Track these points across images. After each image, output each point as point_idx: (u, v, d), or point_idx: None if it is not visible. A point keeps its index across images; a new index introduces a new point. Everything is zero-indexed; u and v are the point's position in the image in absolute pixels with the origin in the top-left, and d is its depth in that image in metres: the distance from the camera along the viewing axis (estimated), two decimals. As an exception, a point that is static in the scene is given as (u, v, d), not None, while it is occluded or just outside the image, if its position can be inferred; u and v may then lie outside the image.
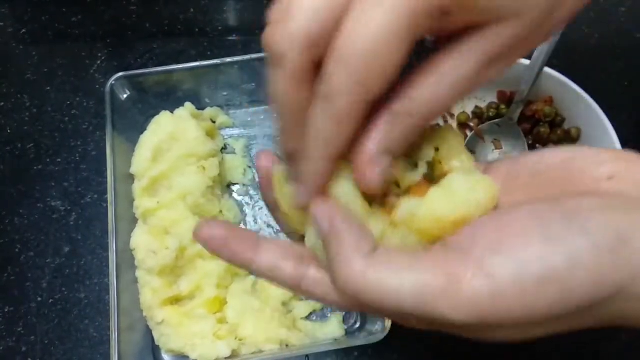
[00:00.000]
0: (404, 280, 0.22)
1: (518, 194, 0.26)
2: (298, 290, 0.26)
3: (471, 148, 0.58)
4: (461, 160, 0.28)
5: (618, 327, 0.22)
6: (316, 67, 0.23)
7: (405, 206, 0.26)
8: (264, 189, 0.30)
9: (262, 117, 0.65)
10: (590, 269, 0.20)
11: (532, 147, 0.57)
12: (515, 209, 0.24)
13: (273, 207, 0.30)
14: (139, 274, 0.53)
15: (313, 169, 0.25)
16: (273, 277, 0.26)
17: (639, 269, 0.20)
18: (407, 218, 0.25)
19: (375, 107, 0.24)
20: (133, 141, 0.58)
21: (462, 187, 0.26)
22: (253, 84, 0.64)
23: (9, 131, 0.65)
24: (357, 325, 0.54)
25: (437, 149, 0.28)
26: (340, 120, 0.23)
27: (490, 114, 0.58)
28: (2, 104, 0.67)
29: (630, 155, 0.25)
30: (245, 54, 0.61)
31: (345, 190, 0.26)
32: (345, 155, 0.25)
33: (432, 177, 0.28)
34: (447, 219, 0.25)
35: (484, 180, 0.26)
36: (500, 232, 0.22)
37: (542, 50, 0.53)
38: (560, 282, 0.20)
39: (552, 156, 0.26)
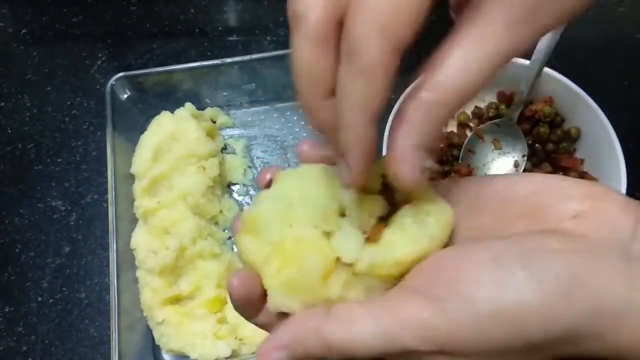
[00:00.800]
0: (369, 328, 0.23)
1: (484, 219, 0.26)
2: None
3: (471, 148, 0.58)
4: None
5: None
6: (340, 28, 0.22)
7: (365, 258, 0.26)
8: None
9: (262, 117, 0.65)
10: (539, 309, 0.21)
11: (531, 147, 0.57)
12: (474, 247, 0.24)
13: (250, 315, 0.29)
14: (139, 273, 0.53)
15: (353, 137, 0.23)
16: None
17: (594, 311, 0.21)
18: (368, 269, 0.26)
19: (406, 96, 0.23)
20: (133, 141, 0.58)
21: (413, 226, 0.26)
22: (253, 84, 0.64)
23: (9, 131, 0.65)
24: (357, 325, 0.54)
25: (383, 176, 0.28)
26: (371, 74, 0.21)
27: (490, 114, 0.58)
28: (3, 104, 0.67)
29: (599, 191, 0.24)
30: (246, 54, 0.61)
31: (312, 259, 0.26)
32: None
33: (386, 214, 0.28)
34: (405, 260, 0.26)
35: (435, 209, 0.26)
36: (457, 271, 0.23)
37: (542, 50, 0.53)
38: (509, 321, 0.21)
39: (523, 184, 0.26)
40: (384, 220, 0.28)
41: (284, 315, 0.27)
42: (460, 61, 0.23)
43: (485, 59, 0.23)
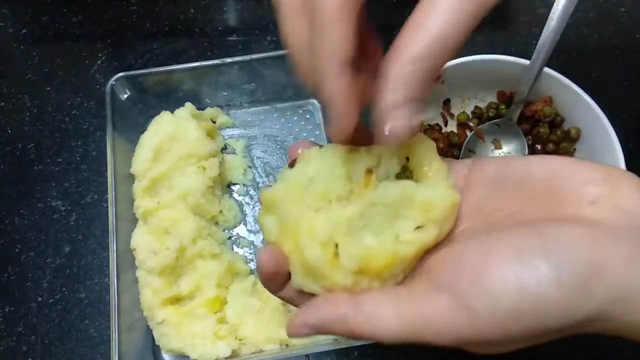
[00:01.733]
0: (390, 319, 0.24)
1: (503, 200, 0.27)
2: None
3: (471, 148, 0.58)
4: (431, 167, 0.29)
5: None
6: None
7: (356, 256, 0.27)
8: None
9: (262, 117, 0.65)
10: (559, 302, 0.22)
11: (531, 147, 0.57)
12: (496, 239, 0.24)
13: (275, 290, 0.30)
14: (139, 274, 0.53)
15: (329, 87, 0.25)
16: None
17: (612, 298, 0.22)
18: (360, 268, 0.27)
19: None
20: (133, 141, 0.58)
21: (416, 216, 0.28)
22: (253, 84, 0.64)
23: (9, 131, 0.65)
24: (357, 325, 0.54)
25: (407, 158, 0.29)
26: (329, 27, 0.24)
27: (490, 114, 0.58)
28: (3, 104, 0.67)
29: (615, 175, 0.25)
30: (245, 54, 0.61)
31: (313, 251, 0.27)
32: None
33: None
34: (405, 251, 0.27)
35: (441, 195, 0.28)
36: (480, 265, 0.24)
37: (542, 50, 0.53)
38: (530, 316, 0.22)
39: (540, 165, 0.27)
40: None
41: (306, 293, 0.28)
42: (440, 12, 0.24)
43: (464, 7, 0.24)
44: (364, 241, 0.27)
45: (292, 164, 0.30)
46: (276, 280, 0.29)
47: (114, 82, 0.58)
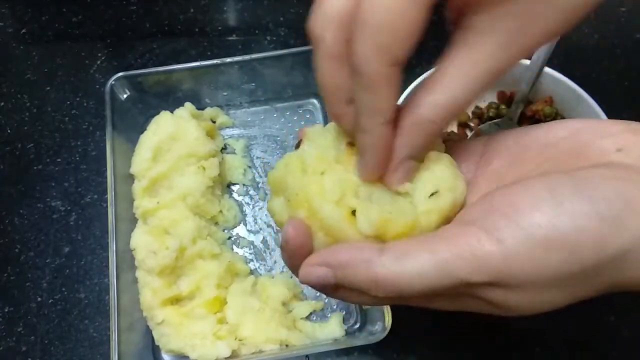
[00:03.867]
0: (424, 261, 0.23)
1: (528, 166, 0.28)
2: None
3: (471, 148, 0.58)
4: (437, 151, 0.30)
5: (620, 291, 0.24)
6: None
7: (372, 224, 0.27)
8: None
9: (262, 117, 0.65)
10: (595, 233, 0.22)
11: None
12: (526, 181, 0.24)
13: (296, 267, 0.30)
14: (138, 274, 0.53)
15: (368, 139, 0.26)
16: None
17: (638, 237, 0.22)
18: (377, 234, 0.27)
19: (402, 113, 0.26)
20: (133, 141, 0.58)
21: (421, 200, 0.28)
22: (253, 84, 0.64)
23: (8, 131, 0.65)
24: (357, 325, 0.54)
25: None
26: (374, 88, 0.24)
27: (491, 114, 0.58)
28: (2, 104, 0.67)
29: (635, 126, 0.25)
30: (245, 54, 0.61)
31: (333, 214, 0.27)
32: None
33: None
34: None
35: (448, 184, 0.28)
36: (511, 199, 0.23)
37: (542, 50, 0.53)
38: (566, 244, 0.22)
39: (561, 128, 0.27)
40: None
41: None
42: (455, 82, 0.25)
43: (477, 79, 0.25)
44: (384, 207, 0.27)
45: (297, 145, 0.30)
46: (301, 255, 0.28)
47: (113, 82, 0.58)
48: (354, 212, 0.27)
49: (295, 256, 0.28)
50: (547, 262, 0.22)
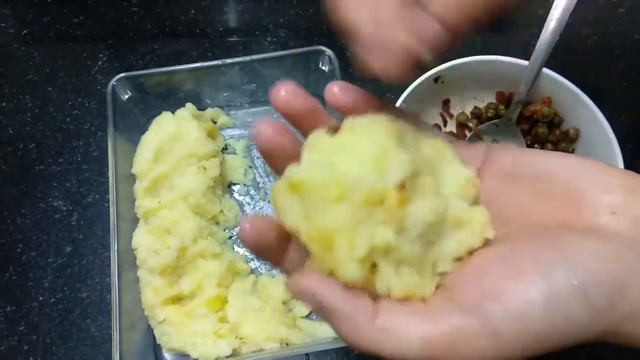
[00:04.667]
0: (411, 337, 0.23)
1: (517, 197, 0.27)
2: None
3: (470, 148, 0.58)
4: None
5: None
6: None
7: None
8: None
9: (263, 117, 0.65)
10: (584, 322, 0.22)
11: (530, 148, 0.57)
12: (517, 253, 0.24)
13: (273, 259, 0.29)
14: (140, 273, 0.53)
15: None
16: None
17: (633, 314, 0.22)
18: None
19: None
20: (134, 141, 0.58)
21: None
22: (253, 85, 0.64)
23: (10, 131, 0.65)
24: (357, 324, 0.54)
25: None
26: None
27: (489, 114, 0.59)
28: (4, 104, 0.67)
29: (633, 183, 0.25)
30: (246, 55, 0.61)
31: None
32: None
33: None
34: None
35: (475, 219, 0.27)
36: (505, 286, 0.23)
37: (541, 51, 0.53)
38: (556, 335, 0.23)
39: (559, 165, 0.26)
40: None
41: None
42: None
43: None
44: (405, 277, 0.25)
45: (334, 130, 0.26)
46: (267, 249, 0.27)
47: (115, 83, 0.58)
48: (374, 265, 0.25)
49: (258, 252, 0.27)
50: (538, 348, 0.23)
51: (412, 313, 0.24)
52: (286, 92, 0.28)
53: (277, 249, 0.28)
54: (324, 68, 0.59)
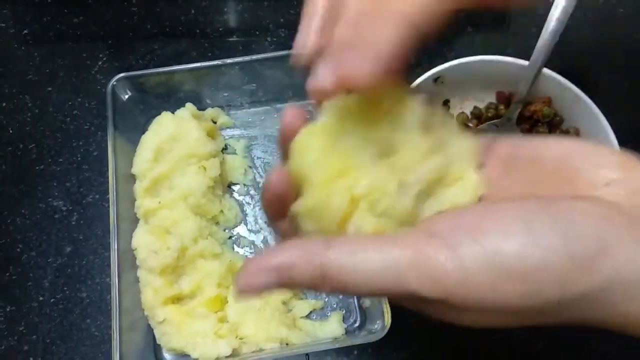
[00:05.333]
0: (370, 259, 0.22)
1: (513, 179, 0.27)
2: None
3: (470, 148, 0.58)
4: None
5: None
6: None
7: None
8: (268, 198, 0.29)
9: (263, 117, 0.65)
10: (561, 271, 0.21)
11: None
12: (501, 203, 0.24)
13: (273, 216, 0.29)
14: (140, 273, 0.53)
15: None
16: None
17: (614, 281, 0.21)
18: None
19: None
20: (134, 141, 0.58)
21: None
22: (254, 85, 0.64)
23: (10, 131, 0.65)
24: (357, 324, 0.54)
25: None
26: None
27: (489, 114, 0.59)
28: (4, 104, 0.67)
29: (631, 159, 0.24)
30: (246, 54, 0.61)
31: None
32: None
33: None
34: None
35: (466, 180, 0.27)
36: (481, 222, 0.22)
37: (541, 51, 0.53)
38: (529, 278, 0.21)
39: (555, 145, 0.26)
40: None
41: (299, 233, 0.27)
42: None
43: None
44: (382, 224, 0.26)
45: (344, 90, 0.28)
46: (278, 206, 0.28)
47: (115, 83, 0.58)
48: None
49: (270, 205, 0.28)
50: (506, 292, 0.21)
51: (374, 239, 0.23)
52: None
53: (286, 207, 0.28)
54: (324, 68, 0.59)
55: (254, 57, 0.60)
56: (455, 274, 0.21)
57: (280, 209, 0.28)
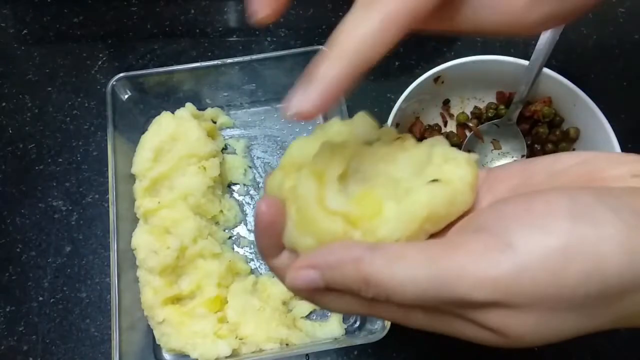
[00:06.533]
0: (419, 268, 0.21)
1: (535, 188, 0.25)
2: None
3: (470, 148, 0.58)
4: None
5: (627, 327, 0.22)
6: None
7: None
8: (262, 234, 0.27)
9: (263, 117, 0.65)
10: (622, 244, 0.19)
11: (530, 148, 0.57)
12: (543, 191, 0.22)
13: (266, 250, 0.28)
14: (140, 273, 0.53)
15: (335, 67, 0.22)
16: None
17: None
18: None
19: None
20: (134, 141, 0.58)
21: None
22: (253, 85, 0.64)
23: (10, 131, 0.65)
24: (357, 324, 0.54)
25: None
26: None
27: (489, 114, 0.59)
28: (4, 104, 0.67)
29: None
30: (246, 54, 0.61)
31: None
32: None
33: None
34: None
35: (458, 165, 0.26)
36: (527, 206, 0.21)
37: (541, 51, 0.53)
38: (589, 254, 0.19)
39: (570, 157, 0.25)
40: None
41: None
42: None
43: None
44: (360, 187, 0.26)
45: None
46: (272, 238, 0.27)
47: (114, 83, 0.58)
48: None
49: (264, 238, 0.27)
50: (565, 274, 0.19)
51: (417, 245, 0.22)
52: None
53: (281, 239, 0.27)
54: (324, 68, 0.59)
55: (254, 57, 0.60)
56: (507, 264, 0.19)
57: (273, 238, 0.27)
